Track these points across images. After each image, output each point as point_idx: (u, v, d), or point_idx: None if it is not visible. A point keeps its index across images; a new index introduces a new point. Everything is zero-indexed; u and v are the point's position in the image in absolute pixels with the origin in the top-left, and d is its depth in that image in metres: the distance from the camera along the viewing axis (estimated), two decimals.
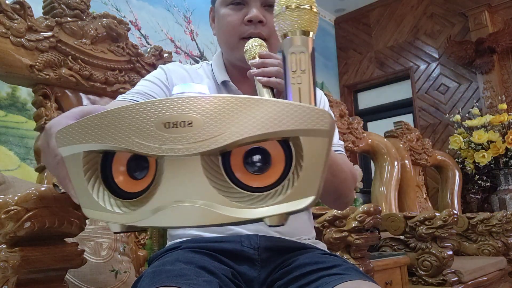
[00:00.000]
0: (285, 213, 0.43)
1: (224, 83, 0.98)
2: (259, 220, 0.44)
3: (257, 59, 0.83)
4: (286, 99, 0.51)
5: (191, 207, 0.43)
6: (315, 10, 0.52)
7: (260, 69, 0.81)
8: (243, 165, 0.45)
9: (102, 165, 0.47)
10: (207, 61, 1.06)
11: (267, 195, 0.44)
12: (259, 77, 0.80)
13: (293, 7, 0.50)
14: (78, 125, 0.46)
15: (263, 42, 0.88)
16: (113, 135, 0.44)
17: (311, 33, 0.52)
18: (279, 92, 0.81)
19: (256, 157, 0.45)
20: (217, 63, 1.01)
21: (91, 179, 0.47)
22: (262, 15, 0.91)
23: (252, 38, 0.90)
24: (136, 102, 0.45)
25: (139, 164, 0.47)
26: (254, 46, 0.87)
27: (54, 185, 0.59)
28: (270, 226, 0.44)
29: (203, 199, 0.43)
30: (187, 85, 0.50)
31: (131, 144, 0.43)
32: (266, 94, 0.79)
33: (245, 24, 0.91)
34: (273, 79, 0.80)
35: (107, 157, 0.47)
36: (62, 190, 0.55)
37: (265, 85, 0.80)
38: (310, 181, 0.43)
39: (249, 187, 0.45)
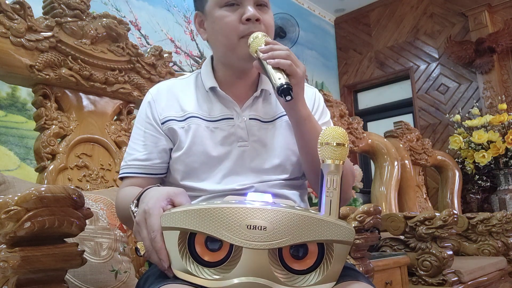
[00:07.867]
0: None
1: (212, 89, 0.98)
2: None
3: (264, 46, 0.86)
4: (320, 205, 0.68)
5: (259, 284, 0.64)
6: (346, 146, 0.69)
7: (270, 53, 0.84)
8: (289, 253, 0.67)
9: (188, 240, 0.67)
10: (199, 70, 1.06)
11: (306, 277, 0.67)
12: (269, 60, 0.83)
13: (334, 144, 0.69)
14: (180, 213, 0.65)
15: (266, 34, 0.90)
16: (209, 226, 0.64)
17: (341, 161, 0.69)
18: (288, 74, 0.83)
19: (299, 248, 0.68)
20: (206, 71, 1.01)
21: (181, 251, 0.66)
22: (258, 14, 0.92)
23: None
24: (224, 205, 0.64)
25: (214, 240, 0.66)
26: (258, 37, 0.88)
27: (136, 248, 0.73)
28: None
29: (266, 278, 0.64)
30: (259, 194, 0.70)
31: (221, 235, 0.63)
32: (278, 75, 0.81)
33: (243, 23, 0.92)
34: (283, 60, 0.82)
35: (191, 235, 0.67)
36: (143, 253, 0.71)
37: (275, 67, 0.82)
38: (335, 271, 0.67)
39: (294, 270, 0.67)
